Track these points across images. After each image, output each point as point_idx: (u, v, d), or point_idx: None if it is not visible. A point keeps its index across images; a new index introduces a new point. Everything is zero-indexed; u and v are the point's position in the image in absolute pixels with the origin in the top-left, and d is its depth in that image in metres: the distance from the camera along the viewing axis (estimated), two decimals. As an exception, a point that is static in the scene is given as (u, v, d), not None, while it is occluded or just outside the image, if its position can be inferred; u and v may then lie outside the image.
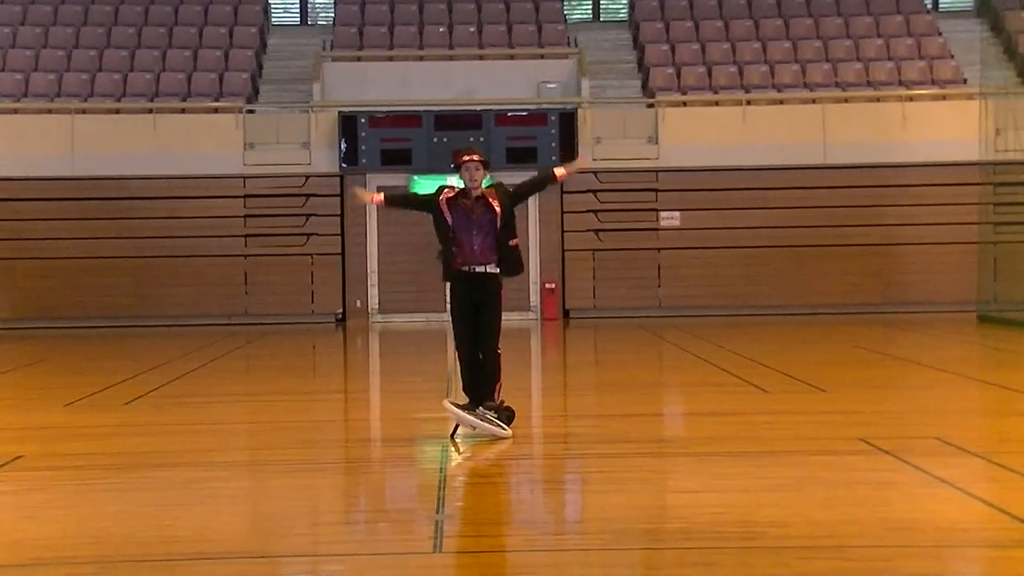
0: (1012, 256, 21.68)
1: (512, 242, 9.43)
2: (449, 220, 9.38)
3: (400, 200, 10.22)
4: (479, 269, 9.39)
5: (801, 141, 23.41)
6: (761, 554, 6.00)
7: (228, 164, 23.32)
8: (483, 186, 9.44)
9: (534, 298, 23.38)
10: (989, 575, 5.89)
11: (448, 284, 9.75)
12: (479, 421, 9.32)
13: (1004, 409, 11.21)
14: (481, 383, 9.50)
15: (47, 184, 23.06)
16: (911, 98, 23.89)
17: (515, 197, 9.54)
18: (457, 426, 9.45)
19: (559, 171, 9.79)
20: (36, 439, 9.87)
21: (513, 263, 9.50)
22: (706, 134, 23.49)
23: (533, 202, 23.36)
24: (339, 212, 23.47)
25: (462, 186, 9.46)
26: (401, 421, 10.86)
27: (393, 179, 23.07)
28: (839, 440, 9.14)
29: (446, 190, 9.49)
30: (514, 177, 10.95)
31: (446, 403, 9.55)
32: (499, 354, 9.50)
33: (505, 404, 9.62)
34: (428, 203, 9.57)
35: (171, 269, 23.29)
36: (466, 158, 9.39)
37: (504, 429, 9.39)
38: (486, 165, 9.47)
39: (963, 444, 8.87)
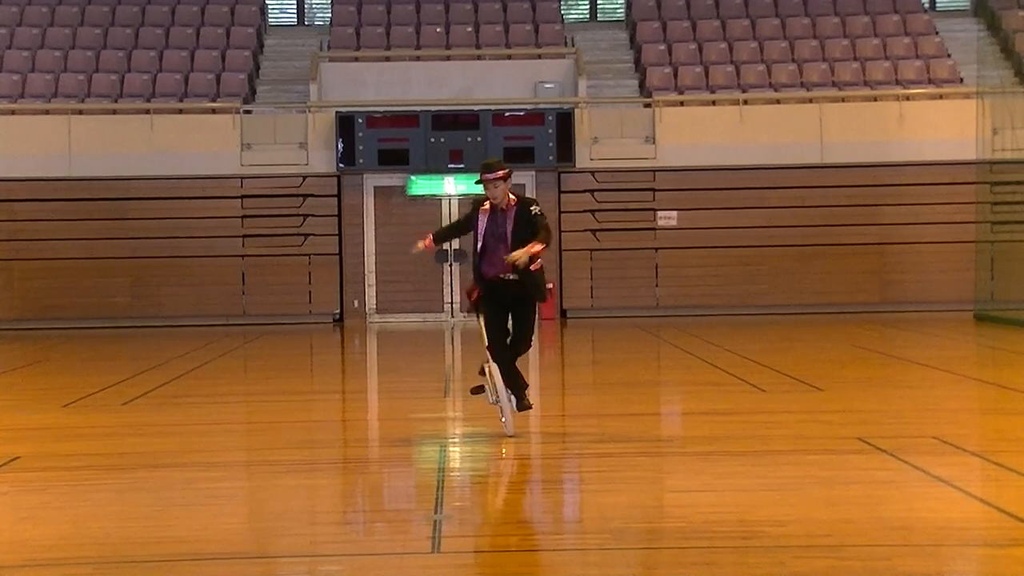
0: (1009, 255, 21.68)
1: (533, 266, 9.31)
2: (480, 228, 9.36)
3: (447, 231, 10.05)
4: (511, 277, 9.34)
5: (798, 140, 23.41)
6: (759, 553, 6.00)
7: (225, 164, 23.30)
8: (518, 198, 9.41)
9: (532, 298, 23.33)
10: (986, 574, 5.89)
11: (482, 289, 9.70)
12: (505, 402, 9.28)
13: (1001, 408, 11.21)
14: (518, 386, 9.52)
15: (44, 185, 23.05)
16: (908, 97, 23.89)
17: (530, 225, 9.34)
18: (481, 387, 9.41)
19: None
20: (34, 439, 9.87)
21: (536, 287, 9.46)
22: (703, 134, 23.48)
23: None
24: (336, 212, 23.45)
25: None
26: (399, 421, 10.86)
27: (390, 179, 23.10)
28: (837, 439, 9.15)
29: (484, 203, 9.42)
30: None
31: (487, 367, 9.42)
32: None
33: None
34: (468, 220, 9.56)
35: (168, 269, 23.27)
36: (486, 176, 9.30)
37: (509, 426, 9.37)
38: (507, 176, 9.40)
39: (961, 443, 8.87)
